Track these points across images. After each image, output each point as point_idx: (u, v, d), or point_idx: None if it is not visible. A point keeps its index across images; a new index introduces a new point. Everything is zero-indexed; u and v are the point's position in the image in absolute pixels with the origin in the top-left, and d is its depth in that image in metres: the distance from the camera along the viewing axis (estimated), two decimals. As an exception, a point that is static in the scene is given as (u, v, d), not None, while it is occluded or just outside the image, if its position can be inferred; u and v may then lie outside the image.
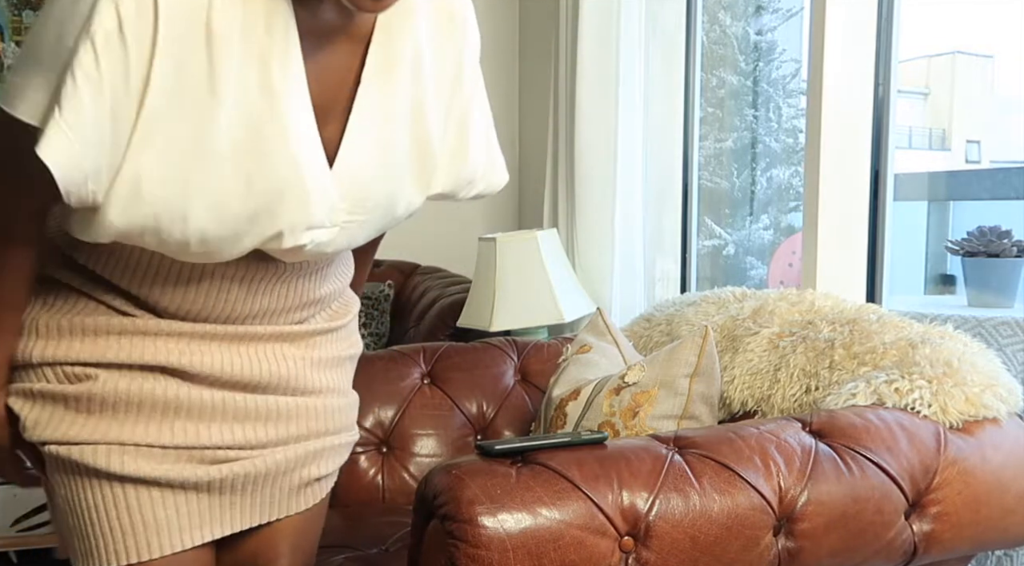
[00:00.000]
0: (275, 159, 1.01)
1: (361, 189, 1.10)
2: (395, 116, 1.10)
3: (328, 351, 1.27)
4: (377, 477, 2.05)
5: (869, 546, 1.26)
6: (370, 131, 1.08)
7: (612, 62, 2.70)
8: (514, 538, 1.09)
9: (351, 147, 1.08)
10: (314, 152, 1.04)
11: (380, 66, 1.08)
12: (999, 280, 2.16)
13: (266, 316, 1.17)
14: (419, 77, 1.11)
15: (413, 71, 1.10)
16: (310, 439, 1.23)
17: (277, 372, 1.18)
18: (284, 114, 1.00)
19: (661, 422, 1.63)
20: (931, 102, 3.76)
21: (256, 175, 1.00)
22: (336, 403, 1.29)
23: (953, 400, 1.39)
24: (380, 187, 1.12)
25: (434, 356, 2.18)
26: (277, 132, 1.00)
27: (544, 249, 2.62)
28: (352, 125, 1.07)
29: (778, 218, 3.37)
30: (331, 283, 1.25)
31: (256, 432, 1.17)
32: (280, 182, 1.02)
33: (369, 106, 1.08)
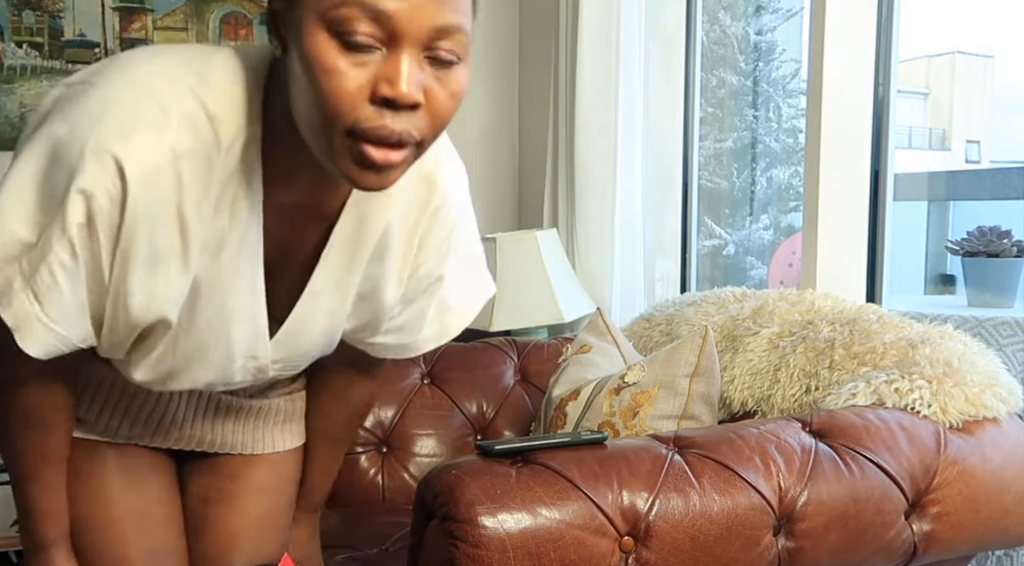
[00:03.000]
0: (203, 329, 1.01)
1: (297, 350, 1.11)
2: (351, 279, 1.06)
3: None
4: (377, 477, 2.05)
5: (869, 546, 1.26)
6: (321, 303, 1.06)
7: (612, 62, 2.70)
8: (514, 538, 1.09)
9: (299, 318, 1.07)
10: (251, 320, 1.04)
11: (344, 243, 1.03)
12: (999, 280, 2.16)
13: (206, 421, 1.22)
14: (384, 246, 1.06)
15: (380, 240, 1.05)
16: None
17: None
18: (227, 287, 0.99)
19: (661, 422, 1.63)
20: (931, 102, 3.76)
21: (184, 339, 1.01)
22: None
23: (953, 400, 1.39)
24: (316, 350, 1.13)
25: (434, 356, 2.18)
26: (215, 303, 0.99)
27: (544, 249, 2.62)
28: (304, 298, 1.05)
29: (778, 218, 3.37)
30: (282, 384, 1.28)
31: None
32: (204, 346, 1.03)
33: (324, 280, 1.05)
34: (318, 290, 1.05)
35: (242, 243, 0.97)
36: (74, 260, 0.90)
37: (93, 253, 0.91)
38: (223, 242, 0.96)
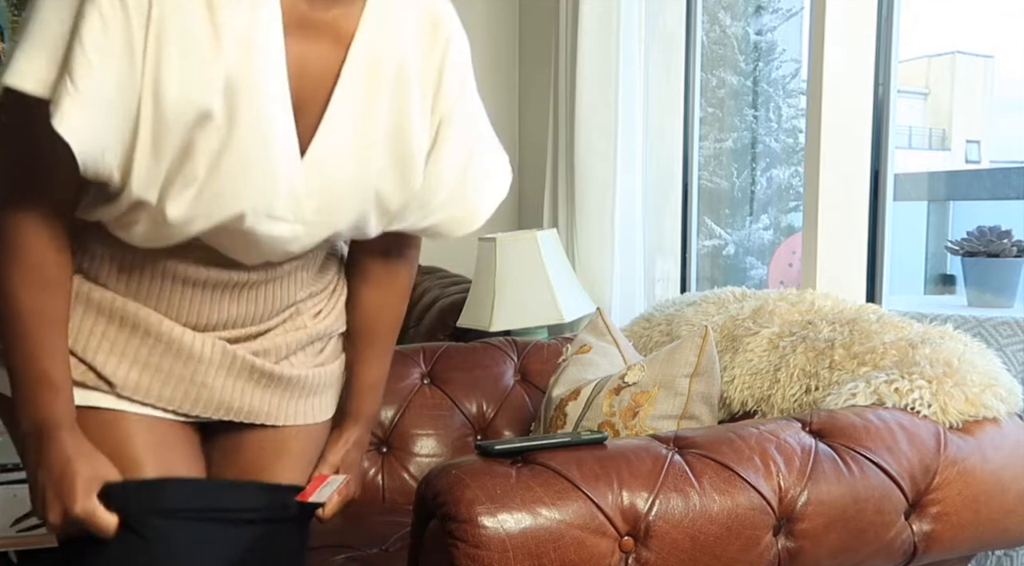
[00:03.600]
0: (245, 132, 0.99)
1: (332, 186, 1.08)
2: (375, 117, 1.08)
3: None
4: (377, 477, 2.05)
5: (869, 546, 1.26)
6: (347, 128, 1.07)
7: (612, 62, 2.70)
8: (514, 538, 1.09)
9: (326, 139, 1.06)
10: (285, 134, 1.03)
11: (362, 65, 1.06)
12: (999, 280, 2.16)
13: (232, 325, 1.16)
14: (403, 84, 1.09)
15: (397, 77, 1.08)
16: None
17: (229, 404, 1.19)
18: (260, 88, 0.99)
19: (661, 422, 1.63)
20: (931, 102, 3.76)
21: (226, 148, 0.99)
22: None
23: (953, 400, 1.39)
24: (352, 189, 1.09)
25: (434, 356, 2.18)
26: (250, 105, 0.99)
27: (544, 249, 2.62)
28: (329, 118, 1.06)
29: (778, 218, 3.37)
30: (314, 279, 1.23)
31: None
32: (247, 156, 1.00)
33: (347, 103, 1.06)
34: (342, 114, 1.06)
35: (267, 40, 0.99)
36: (104, 33, 0.91)
37: (124, 30, 0.92)
38: (250, 36, 0.97)
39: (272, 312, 1.19)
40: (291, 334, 1.20)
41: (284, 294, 1.19)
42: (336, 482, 1.23)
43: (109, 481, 1.08)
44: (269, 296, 1.17)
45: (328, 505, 1.21)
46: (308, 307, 1.23)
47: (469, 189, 1.20)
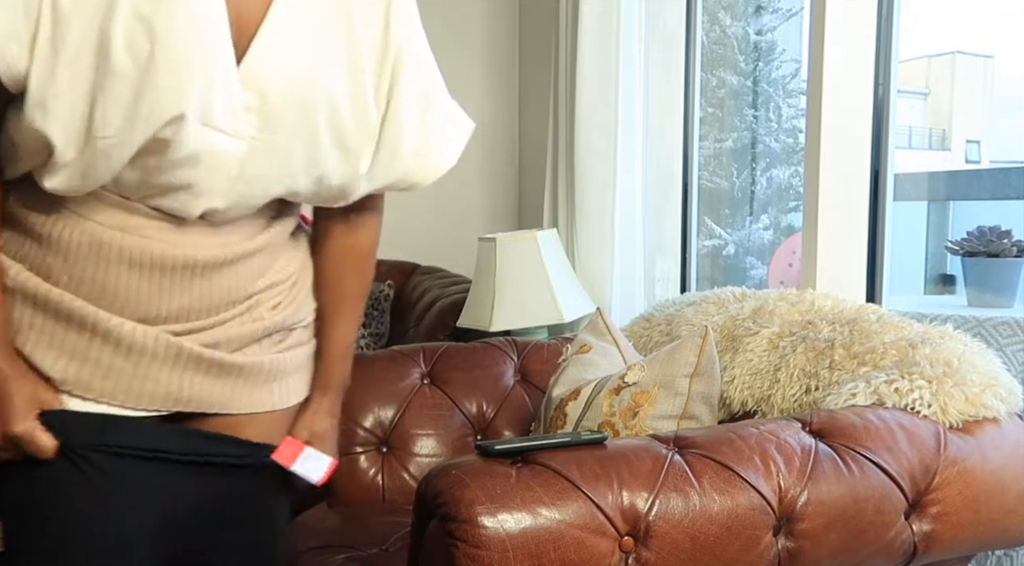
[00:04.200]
0: (175, 29, 0.96)
1: (273, 103, 1.05)
2: (319, 43, 1.06)
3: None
4: (377, 477, 2.05)
5: (869, 546, 1.26)
6: (288, 47, 1.04)
7: (612, 62, 2.70)
8: (514, 538, 1.09)
9: (262, 54, 1.03)
10: (218, 37, 1.00)
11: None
12: (999, 280, 2.16)
13: (183, 319, 1.12)
14: (349, 19, 1.08)
15: (344, 11, 1.07)
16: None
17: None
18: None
19: (661, 422, 1.63)
20: (931, 102, 3.76)
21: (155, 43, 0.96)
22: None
23: (953, 400, 1.39)
24: (297, 112, 1.06)
25: (434, 356, 2.18)
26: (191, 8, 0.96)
27: (544, 249, 2.62)
28: (264, 33, 1.03)
29: (778, 218, 3.37)
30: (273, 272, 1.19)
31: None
32: (179, 53, 0.97)
33: (286, 20, 1.04)
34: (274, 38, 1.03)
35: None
36: None
37: None
38: None
39: (226, 304, 1.15)
40: (247, 326, 1.17)
41: (238, 284, 1.15)
42: (324, 462, 1.22)
43: (49, 407, 1.07)
44: (223, 286, 1.14)
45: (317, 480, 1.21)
46: (266, 298, 1.19)
47: (434, 132, 1.20)
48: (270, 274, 1.19)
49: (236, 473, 1.18)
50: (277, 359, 1.21)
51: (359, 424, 2.06)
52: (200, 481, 1.15)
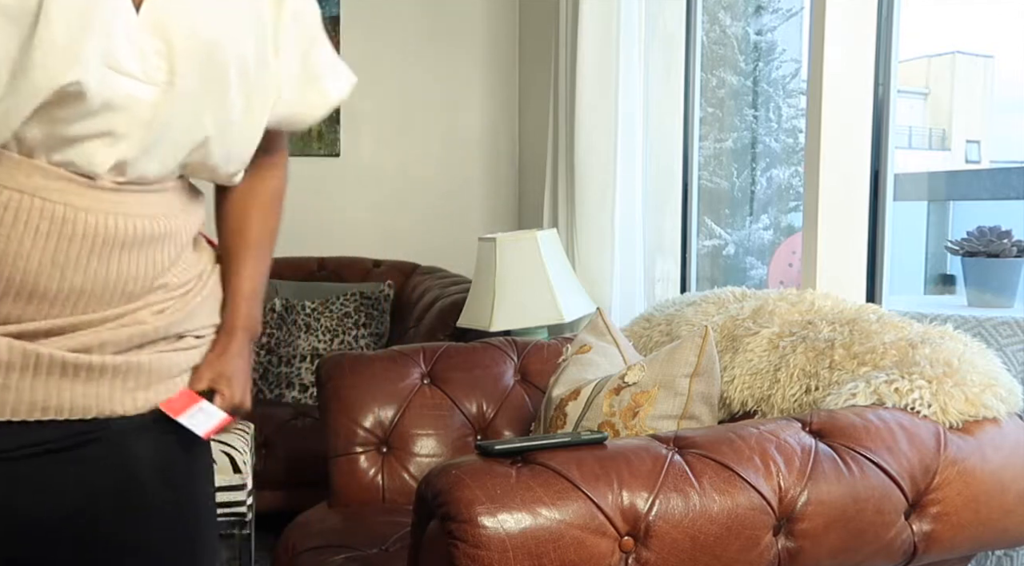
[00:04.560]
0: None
1: (180, 39, 1.03)
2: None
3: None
4: (377, 477, 2.05)
5: (869, 546, 1.26)
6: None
7: (612, 62, 2.70)
8: (514, 538, 1.09)
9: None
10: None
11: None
12: (999, 280, 2.16)
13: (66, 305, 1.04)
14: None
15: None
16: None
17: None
18: None
19: (661, 422, 1.63)
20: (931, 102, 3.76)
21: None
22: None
23: (953, 400, 1.39)
24: (203, 46, 1.05)
25: (434, 356, 2.18)
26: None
27: (544, 249, 2.62)
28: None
29: (778, 218, 3.37)
30: (173, 274, 1.13)
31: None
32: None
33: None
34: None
35: None
36: None
37: None
38: None
39: (117, 296, 1.08)
40: (123, 330, 1.09)
41: (135, 275, 1.09)
42: (215, 418, 1.17)
43: None
44: (120, 272, 1.07)
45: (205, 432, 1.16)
46: (153, 301, 1.13)
47: (318, 69, 1.22)
48: (171, 274, 1.14)
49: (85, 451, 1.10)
50: (170, 358, 1.15)
51: (359, 424, 2.06)
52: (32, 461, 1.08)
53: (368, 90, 3.95)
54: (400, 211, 4.01)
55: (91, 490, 1.11)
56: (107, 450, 1.11)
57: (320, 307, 3.45)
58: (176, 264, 1.15)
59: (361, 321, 3.46)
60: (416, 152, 3.99)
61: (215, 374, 1.21)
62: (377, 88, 3.95)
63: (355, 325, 3.45)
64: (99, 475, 1.11)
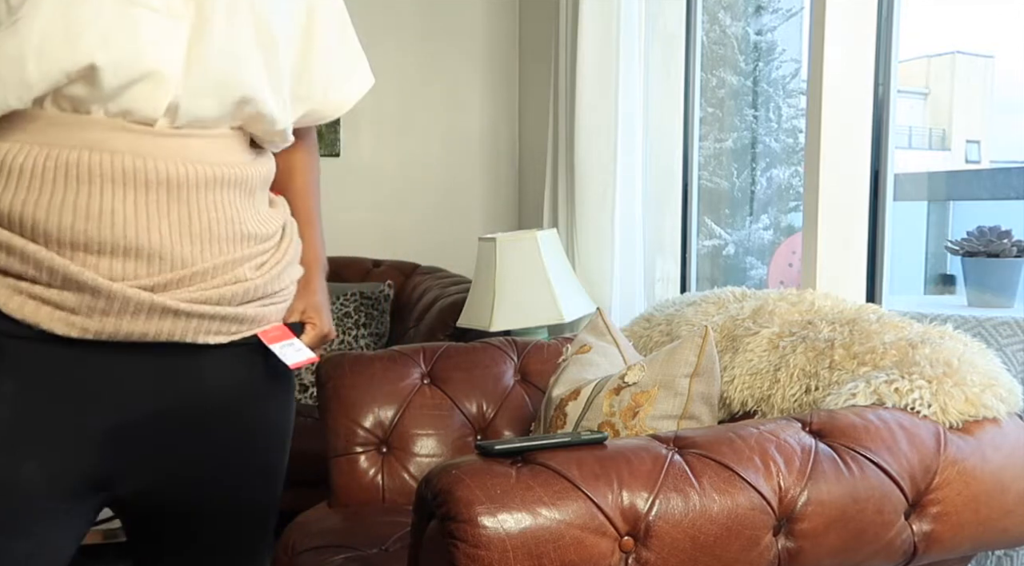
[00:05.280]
0: None
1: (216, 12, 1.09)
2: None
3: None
4: (377, 477, 2.05)
5: (869, 546, 1.26)
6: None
7: (612, 62, 2.70)
8: (514, 538, 1.09)
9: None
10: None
11: None
12: (999, 280, 2.16)
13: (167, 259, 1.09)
14: None
15: None
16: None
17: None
18: None
19: (661, 422, 1.63)
20: (931, 102, 3.76)
21: None
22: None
23: (953, 400, 1.39)
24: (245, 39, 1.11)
25: (434, 356, 2.18)
26: None
27: (544, 249, 2.62)
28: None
29: (778, 218, 3.37)
30: (254, 223, 1.19)
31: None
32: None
33: None
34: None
35: None
36: None
37: None
38: None
39: (209, 240, 1.13)
40: (227, 288, 1.15)
41: (218, 217, 1.14)
42: (303, 354, 1.25)
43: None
44: (202, 212, 1.12)
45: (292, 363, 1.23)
46: (251, 256, 1.18)
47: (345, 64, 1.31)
48: (252, 223, 1.18)
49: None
50: (266, 309, 1.22)
51: (359, 424, 2.06)
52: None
53: (368, 90, 3.95)
54: (400, 211, 4.01)
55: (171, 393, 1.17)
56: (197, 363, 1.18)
57: (320, 307, 3.44)
58: (255, 212, 1.19)
59: (361, 321, 3.47)
60: (416, 152, 3.99)
61: (305, 305, 1.30)
62: (377, 88, 3.94)
63: (355, 325, 3.46)
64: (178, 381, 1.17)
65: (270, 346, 1.21)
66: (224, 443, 1.22)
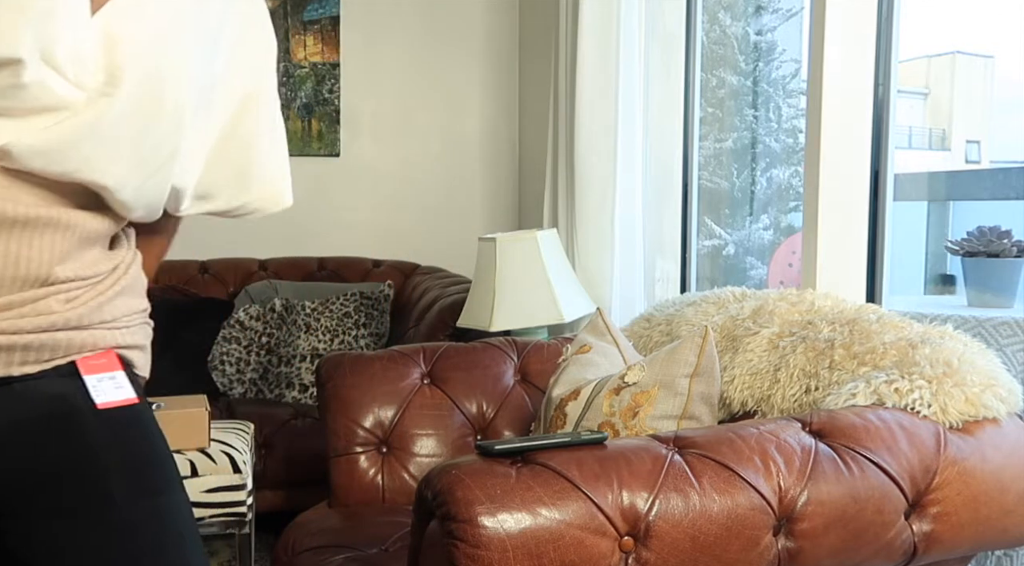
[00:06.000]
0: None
1: (124, 54, 0.99)
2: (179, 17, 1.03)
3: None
4: (377, 477, 2.05)
5: (869, 546, 1.26)
6: (146, 8, 1.01)
7: (612, 62, 2.70)
8: (514, 538, 1.09)
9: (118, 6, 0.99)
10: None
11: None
12: (999, 280, 2.16)
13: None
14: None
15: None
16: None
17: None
18: None
19: (661, 422, 1.63)
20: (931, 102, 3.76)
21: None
22: None
23: (953, 400, 1.39)
24: (149, 62, 1.01)
25: (434, 356, 2.18)
26: None
27: (544, 249, 2.62)
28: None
29: (778, 218, 3.37)
30: (70, 265, 1.07)
31: None
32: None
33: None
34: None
35: None
36: None
37: None
38: None
39: (10, 279, 1.03)
40: (25, 320, 1.04)
41: (28, 256, 1.03)
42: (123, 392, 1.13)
43: None
44: (10, 251, 1.02)
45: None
46: (62, 290, 1.07)
47: (279, 157, 1.21)
48: (72, 263, 1.07)
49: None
50: (82, 333, 1.10)
51: (359, 424, 2.06)
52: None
53: (368, 90, 3.95)
54: (400, 211, 4.01)
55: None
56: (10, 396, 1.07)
57: (320, 307, 3.45)
58: (77, 256, 1.09)
59: (361, 321, 3.46)
60: (416, 152, 3.99)
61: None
62: (377, 88, 3.95)
63: (355, 325, 3.45)
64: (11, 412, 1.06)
65: (84, 377, 1.09)
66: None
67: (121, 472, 1.09)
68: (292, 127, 3.91)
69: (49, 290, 1.06)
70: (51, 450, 1.07)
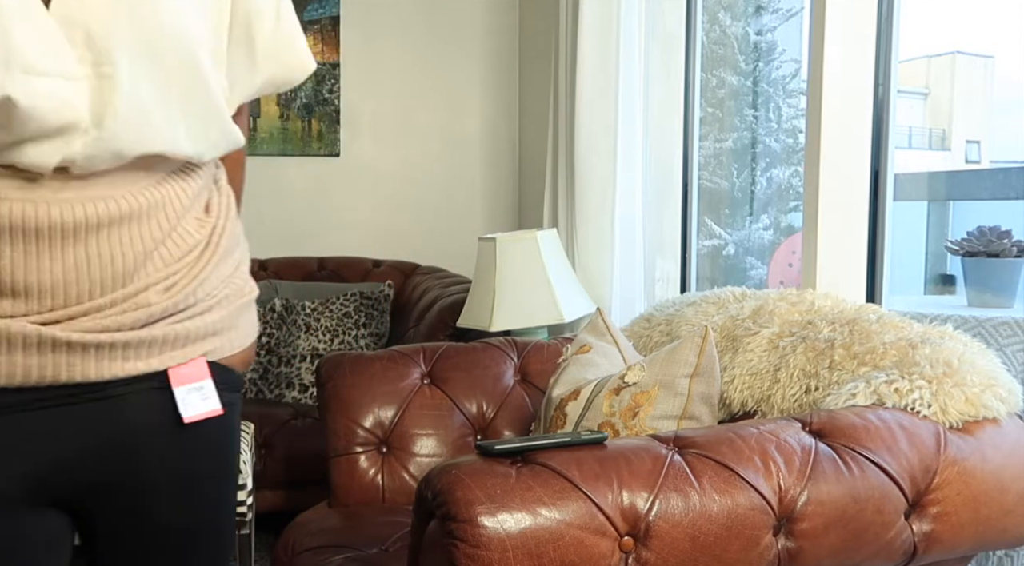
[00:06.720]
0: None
1: (97, 29, 0.96)
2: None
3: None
4: (377, 477, 2.05)
5: (869, 546, 1.26)
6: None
7: (612, 62, 2.70)
8: (514, 538, 1.09)
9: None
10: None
11: None
12: (999, 280, 2.16)
13: (60, 295, 1.01)
14: None
15: None
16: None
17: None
18: None
19: (661, 422, 1.63)
20: (931, 102, 3.76)
21: None
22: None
23: (953, 400, 1.39)
24: (123, 25, 0.97)
25: (434, 356, 2.18)
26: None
27: (544, 249, 2.62)
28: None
29: (778, 218, 3.37)
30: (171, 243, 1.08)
31: None
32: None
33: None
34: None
35: None
36: None
37: None
38: None
39: (109, 279, 1.04)
40: (128, 315, 1.05)
41: (122, 252, 1.04)
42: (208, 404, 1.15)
43: None
44: (104, 253, 1.03)
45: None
46: (157, 281, 1.08)
47: (291, 30, 1.15)
48: (168, 246, 1.09)
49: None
50: (177, 327, 1.10)
51: (359, 424, 2.06)
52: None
53: (368, 90, 3.96)
54: (400, 211, 4.02)
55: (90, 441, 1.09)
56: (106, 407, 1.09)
57: (320, 307, 3.45)
58: (177, 227, 1.10)
59: (361, 321, 3.47)
60: (416, 152, 3.99)
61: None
62: (377, 88, 3.95)
63: (355, 325, 3.46)
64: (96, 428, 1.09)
65: (175, 389, 1.12)
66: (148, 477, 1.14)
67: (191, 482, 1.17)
68: (292, 127, 3.91)
69: (148, 281, 1.07)
70: (134, 464, 1.12)
